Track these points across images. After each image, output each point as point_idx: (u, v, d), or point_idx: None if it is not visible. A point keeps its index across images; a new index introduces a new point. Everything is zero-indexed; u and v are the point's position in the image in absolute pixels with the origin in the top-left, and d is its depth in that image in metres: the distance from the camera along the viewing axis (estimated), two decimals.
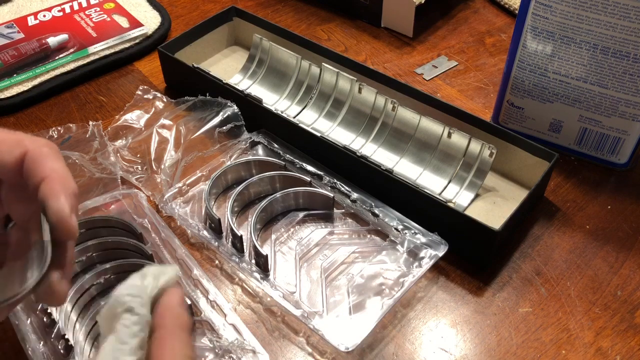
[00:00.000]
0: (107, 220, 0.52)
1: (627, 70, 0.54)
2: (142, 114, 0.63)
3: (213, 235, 0.53)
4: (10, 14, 0.79)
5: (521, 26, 0.57)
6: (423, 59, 0.75)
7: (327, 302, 0.49)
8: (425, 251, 0.51)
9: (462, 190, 0.57)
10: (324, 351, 0.47)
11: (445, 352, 0.47)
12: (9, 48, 0.71)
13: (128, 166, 0.59)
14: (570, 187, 0.60)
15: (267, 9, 0.84)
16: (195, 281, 0.50)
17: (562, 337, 0.48)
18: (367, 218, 0.55)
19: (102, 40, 0.74)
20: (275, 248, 0.54)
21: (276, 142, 0.61)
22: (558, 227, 0.56)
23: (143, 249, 0.50)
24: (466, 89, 0.71)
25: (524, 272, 0.53)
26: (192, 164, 0.59)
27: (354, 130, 0.63)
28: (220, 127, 0.61)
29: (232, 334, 0.46)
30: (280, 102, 0.67)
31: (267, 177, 0.57)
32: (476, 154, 0.57)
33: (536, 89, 0.60)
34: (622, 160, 0.61)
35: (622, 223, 0.57)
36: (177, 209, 0.55)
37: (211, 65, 0.73)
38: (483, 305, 0.50)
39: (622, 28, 0.52)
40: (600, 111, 0.58)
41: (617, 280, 0.52)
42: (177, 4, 0.85)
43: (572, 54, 0.56)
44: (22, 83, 0.69)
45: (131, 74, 0.73)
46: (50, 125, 0.65)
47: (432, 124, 0.59)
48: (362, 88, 0.62)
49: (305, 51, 0.68)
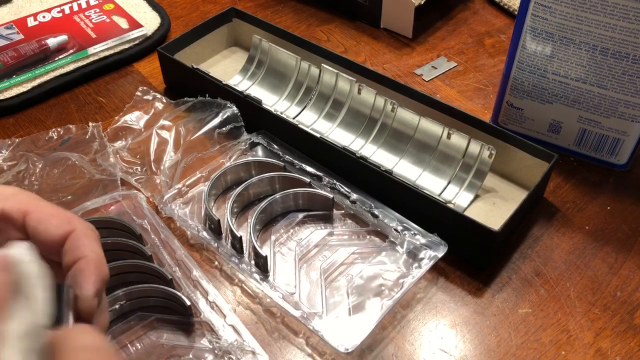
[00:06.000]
0: (106, 221, 0.52)
1: (627, 71, 0.54)
2: (141, 115, 0.63)
3: (212, 236, 0.53)
4: (9, 15, 0.79)
5: (520, 27, 0.57)
6: (422, 59, 0.75)
7: (327, 303, 0.49)
8: (425, 252, 0.51)
9: (461, 191, 0.57)
10: (324, 352, 0.47)
11: (445, 352, 0.47)
12: (8, 49, 0.71)
13: (127, 167, 0.59)
14: (570, 188, 0.60)
15: (267, 10, 0.84)
16: (195, 282, 0.50)
17: (561, 338, 0.48)
18: (366, 219, 0.55)
19: (101, 41, 0.74)
20: (274, 249, 0.54)
21: (276, 143, 0.61)
22: (557, 228, 0.56)
23: (142, 250, 0.50)
24: (465, 89, 0.71)
25: (523, 272, 0.53)
26: (192, 165, 0.59)
27: (354, 131, 0.63)
28: (219, 128, 0.61)
29: (232, 335, 0.46)
30: (279, 103, 0.67)
31: (267, 178, 0.57)
32: (476, 154, 0.57)
33: (535, 90, 0.60)
34: (621, 161, 0.61)
35: (621, 224, 0.57)
36: (176, 210, 0.55)
37: (211, 66, 0.73)
38: (482, 306, 0.50)
39: (622, 29, 0.52)
40: (599, 112, 0.58)
41: (616, 281, 0.52)
42: (177, 5, 0.85)
43: (571, 55, 0.56)
44: (21, 84, 0.69)
45: (131, 75, 0.73)
46: (49, 126, 0.65)
47: (432, 124, 0.59)
48: (362, 89, 0.62)
49: (305, 52, 0.68)
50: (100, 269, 0.33)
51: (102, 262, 0.33)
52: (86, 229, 0.34)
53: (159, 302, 0.49)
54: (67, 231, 0.33)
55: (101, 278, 0.33)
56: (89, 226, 0.34)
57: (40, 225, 0.33)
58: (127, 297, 0.48)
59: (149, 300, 0.49)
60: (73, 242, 0.33)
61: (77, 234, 0.33)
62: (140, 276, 0.50)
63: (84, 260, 0.33)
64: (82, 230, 0.33)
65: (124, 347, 0.46)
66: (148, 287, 0.48)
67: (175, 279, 0.49)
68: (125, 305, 0.48)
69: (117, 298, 0.47)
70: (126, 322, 0.48)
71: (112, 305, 0.47)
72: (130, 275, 0.50)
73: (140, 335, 0.47)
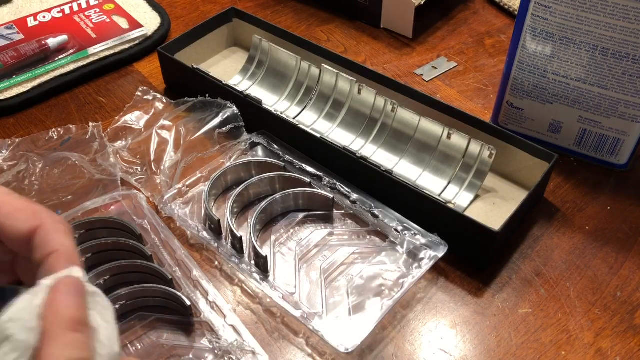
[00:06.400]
0: (106, 221, 0.53)
1: (627, 71, 0.54)
2: (141, 115, 0.63)
3: (213, 236, 0.53)
4: (10, 15, 0.79)
5: (521, 27, 0.57)
6: (423, 60, 0.75)
7: (327, 303, 0.49)
8: (425, 252, 0.51)
9: (461, 191, 0.57)
10: (324, 352, 0.47)
11: (445, 353, 0.47)
12: (8, 49, 0.71)
13: (128, 167, 0.59)
14: (570, 188, 0.60)
15: (267, 10, 0.84)
16: (195, 282, 0.50)
17: (561, 338, 0.48)
18: (366, 219, 0.55)
19: (101, 41, 0.74)
20: (274, 249, 0.54)
21: (276, 143, 0.61)
22: (558, 228, 0.56)
23: (143, 250, 0.50)
24: (466, 90, 0.71)
25: (523, 273, 0.53)
26: (192, 165, 0.59)
27: (354, 131, 0.63)
28: (220, 128, 0.61)
29: (232, 335, 0.46)
30: (279, 103, 0.67)
31: (267, 178, 0.57)
32: (476, 154, 0.57)
33: (536, 90, 0.60)
34: (621, 161, 0.61)
35: (621, 224, 0.57)
36: (176, 210, 0.55)
37: (211, 66, 0.73)
38: (483, 306, 0.50)
39: (622, 29, 0.52)
40: (599, 112, 0.58)
41: (616, 281, 0.52)
42: (177, 5, 0.85)
43: (571, 55, 0.56)
44: (21, 84, 0.69)
45: (131, 75, 0.73)
46: (50, 126, 0.65)
47: (432, 125, 0.59)
48: (362, 89, 0.62)
49: (305, 52, 0.68)
50: (72, 262, 0.31)
51: (73, 255, 0.32)
52: (55, 222, 0.32)
53: (159, 302, 0.49)
54: (34, 226, 0.32)
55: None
56: (58, 219, 0.33)
57: (7, 220, 0.32)
58: (127, 297, 0.48)
59: (149, 300, 0.49)
60: (42, 237, 0.32)
61: (46, 228, 0.32)
62: (140, 276, 0.50)
63: (54, 255, 0.31)
64: (50, 224, 0.32)
65: (123, 347, 0.46)
66: (148, 287, 0.48)
67: (175, 279, 0.49)
68: (125, 305, 0.48)
69: (117, 298, 0.47)
70: (126, 322, 0.48)
71: (112, 305, 0.47)
72: (130, 275, 0.50)
73: (140, 335, 0.47)
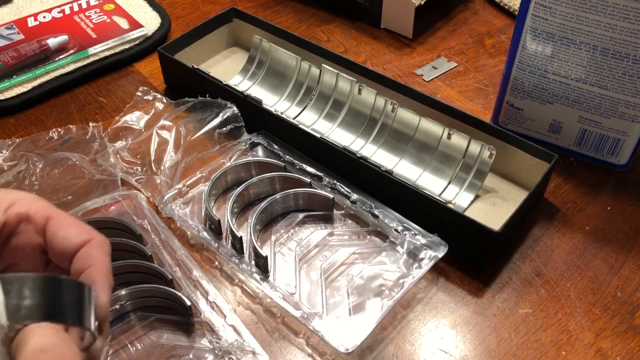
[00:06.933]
0: (106, 221, 0.53)
1: (627, 71, 0.54)
2: (142, 115, 0.63)
3: (213, 236, 0.53)
4: (10, 15, 0.79)
5: (521, 27, 0.57)
6: (423, 60, 0.75)
7: (327, 303, 0.49)
8: (425, 252, 0.51)
9: (461, 191, 0.57)
10: (324, 352, 0.47)
11: (445, 353, 0.47)
12: (8, 49, 0.71)
13: (128, 167, 0.59)
14: (570, 188, 0.60)
15: (267, 10, 0.84)
16: (195, 282, 0.50)
17: (562, 338, 0.48)
18: (366, 219, 0.55)
19: (102, 41, 0.74)
20: (275, 249, 0.54)
21: (276, 143, 0.61)
22: (558, 228, 0.56)
23: (143, 250, 0.50)
24: (466, 90, 0.71)
25: (523, 273, 0.53)
26: (192, 165, 0.59)
27: (354, 132, 0.63)
28: (220, 128, 0.61)
29: (232, 335, 0.46)
30: (280, 103, 0.67)
31: (267, 178, 0.57)
32: (476, 155, 0.57)
33: (536, 90, 0.60)
34: (621, 161, 0.61)
35: (621, 224, 0.57)
36: (176, 210, 0.55)
37: (211, 66, 0.73)
38: (483, 306, 0.50)
39: (622, 29, 0.52)
40: (599, 112, 0.58)
41: (616, 281, 0.52)
42: (177, 5, 0.85)
43: (571, 55, 0.56)
44: (22, 84, 0.69)
45: (131, 75, 0.73)
46: (50, 127, 0.65)
47: (432, 125, 0.59)
48: (362, 89, 0.62)
49: (305, 52, 0.68)
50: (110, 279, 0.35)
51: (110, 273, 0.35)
52: (102, 241, 0.36)
53: (159, 302, 0.49)
54: (85, 240, 0.35)
55: (111, 288, 0.35)
56: (105, 240, 0.36)
57: (60, 232, 0.35)
58: (128, 297, 0.48)
59: (149, 300, 0.49)
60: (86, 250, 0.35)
61: (93, 244, 0.35)
62: (140, 276, 0.50)
63: (95, 268, 0.34)
64: (98, 242, 0.35)
65: (124, 347, 0.47)
66: (148, 287, 0.48)
67: (175, 279, 0.50)
68: (125, 305, 0.48)
69: (117, 298, 0.47)
70: (126, 322, 0.48)
71: (113, 305, 0.47)
72: (130, 275, 0.50)
73: (141, 335, 0.47)
